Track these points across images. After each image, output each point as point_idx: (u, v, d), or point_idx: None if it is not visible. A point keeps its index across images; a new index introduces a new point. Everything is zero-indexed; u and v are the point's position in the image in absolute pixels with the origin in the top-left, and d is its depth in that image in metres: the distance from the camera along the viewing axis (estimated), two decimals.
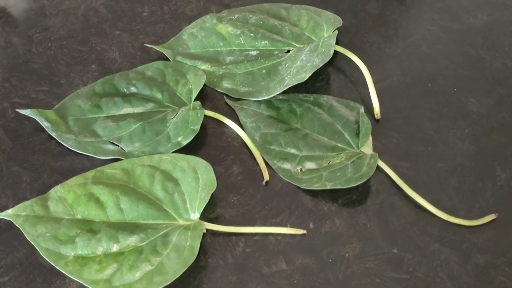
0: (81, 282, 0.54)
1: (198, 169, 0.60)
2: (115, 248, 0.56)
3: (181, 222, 0.57)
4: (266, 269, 0.56)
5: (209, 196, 0.57)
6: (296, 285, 0.55)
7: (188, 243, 0.55)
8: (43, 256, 0.55)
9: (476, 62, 0.71)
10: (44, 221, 0.57)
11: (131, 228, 0.57)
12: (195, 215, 0.57)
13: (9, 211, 0.57)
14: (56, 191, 0.59)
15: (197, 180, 0.59)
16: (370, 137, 0.63)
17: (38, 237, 0.56)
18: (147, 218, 0.58)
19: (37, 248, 0.55)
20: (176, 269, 0.54)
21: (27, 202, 0.58)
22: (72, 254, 0.55)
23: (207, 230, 0.57)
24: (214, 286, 0.55)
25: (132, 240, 0.56)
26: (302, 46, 0.70)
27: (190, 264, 0.53)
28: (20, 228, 0.56)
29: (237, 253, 0.57)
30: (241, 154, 0.64)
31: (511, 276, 0.55)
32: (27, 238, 0.56)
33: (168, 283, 0.53)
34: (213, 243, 0.58)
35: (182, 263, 0.54)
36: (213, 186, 0.58)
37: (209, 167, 0.60)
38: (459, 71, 0.70)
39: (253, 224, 0.59)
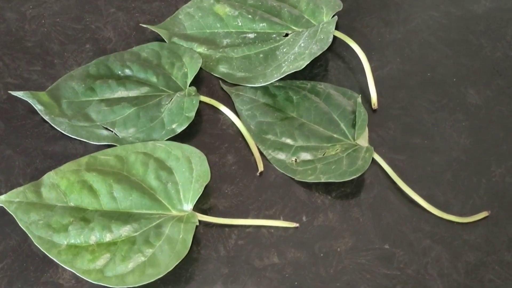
0: (73, 271, 0.54)
1: (193, 158, 0.59)
2: (108, 237, 0.56)
3: (174, 213, 0.57)
4: (258, 262, 0.56)
5: (203, 188, 0.57)
6: (288, 279, 0.56)
7: (181, 236, 0.55)
8: (36, 244, 0.55)
9: (477, 51, 0.70)
10: (37, 208, 0.57)
11: (124, 217, 0.57)
12: (188, 206, 0.57)
13: (2, 197, 0.57)
14: (49, 177, 0.59)
15: (191, 170, 0.59)
16: (366, 128, 0.62)
17: (31, 224, 0.56)
18: (141, 207, 0.58)
19: (30, 236, 0.55)
20: (168, 262, 0.54)
21: (20, 189, 0.58)
22: (65, 242, 0.55)
23: (200, 221, 0.57)
24: (206, 278, 0.56)
25: (125, 230, 0.56)
26: (301, 29, 0.69)
27: (183, 257, 0.54)
28: (13, 215, 0.56)
29: (230, 245, 0.57)
30: (236, 143, 0.63)
31: (501, 275, 0.56)
32: (20, 225, 0.56)
33: (161, 276, 0.53)
34: (206, 234, 0.58)
35: (175, 256, 0.54)
36: (207, 177, 0.58)
37: (203, 157, 0.59)
38: (459, 60, 0.69)
39: (246, 215, 0.59)
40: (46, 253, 0.55)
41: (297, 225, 0.58)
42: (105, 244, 0.56)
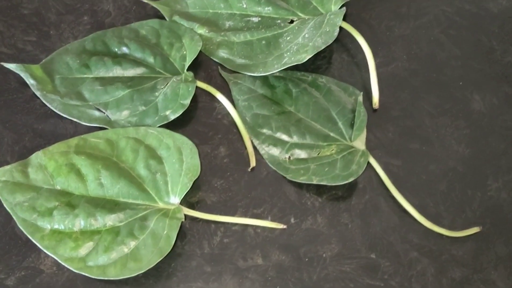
0: (56, 258, 0.54)
1: (184, 150, 0.58)
2: (92, 225, 0.55)
3: (161, 205, 0.56)
4: (242, 262, 0.56)
5: (191, 183, 0.56)
6: (270, 282, 0.55)
7: (165, 232, 0.54)
8: (20, 227, 0.54)
9: (488, 53, 0.67)
10: (23, 189, 0.56)
11: (110, 206, 0.56)
12: (176, 200, 0.56)
13: None
14: (37, 157, 0.58)
15: (181, 162, 0.58)
16: (365, 130, 0.61)
17: (16, 205, 0.55)
18: (127, 196, 0.57)
19: (14, 217, 0.55)
20: (150, 258, 0.54)
21: (7, 167, 0.57)
22: (49, 227, 0.55)
23: (186, 215, 0.57)
24: (187, 275, 0.55)
25: (110, 219, 0.55)
26: (307, 17, 0.66)
27: (165, 255, 0.53)
28: None
29: (215, 243, 0.57)
30: (230, 135, 0.62)
31: None
32: (5, 206, 0.55)
33: (142, 271, 0.53)
34: (191, 229, 0.57)
35: (158, 252, 0.54)
36: (197, 172, 0.57)
37: (195, 149, 0.58)
38: (467, 63, 0.67)
39: (234, 212, 0.58)
40: (29, 237, 0.54)
41: (285, 226, 0.57)
42: (89, 232, 0.55)
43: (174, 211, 0.56)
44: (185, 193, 0.56)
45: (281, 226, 0.57)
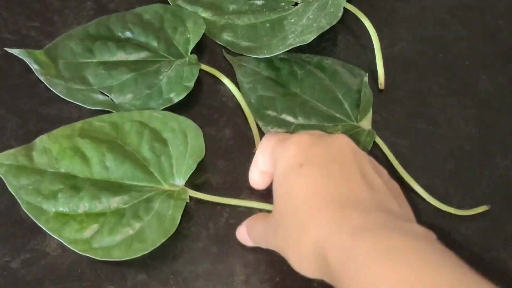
0: (61, 240, 0.53)
1: (188, 132, 0.58)
2: (97, 207, 0.55)
3: (166, 187, 0.56)
4: None
5: (196, 164, 0.56)
6: (276, 262, 0.55)
7: (170, 213, 0.54)
8: (25, 210, 0.54)
9: (494, 33, 0.67)
10: (27, 173, 0.56)
11: (115, 188, 0.56)
12: (181, 182, 0.56)
13: None
14: (42, 141, 0.57)
15: (186, 144, 0.57)
16: (371, 110, 0.60)
17: (20, 189, 0.55)
18: (132, 179, 0.56)
19: (18, 200, 0.55)
20: (155, 238, 0.53)
21: (11, 151, 0.57)
22: (53, 210, 0.55)
23: (191, 197, 0.56)
24: (194, 256, 0.55)
25: (114, 201, 0.55)
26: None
27: (170, 235, 0.53)
28: (3, 178, 0.55)
29: (220, 224, 0.56)
30: (235, 117, 0.61)
31: (494, 272, 0.55)
32: (9, 189, 0.55)
33: (147, 252, 0.52)
34: (197, 210, 0.57)
35: (162, 233, 0.53)
36: (201, 153, 0.57)
37: (199, 131, 0.58)
38: (474, 43, 0.66)
39: (239, 194, 0.58)
40: (34, 219, 0.54)
41: None
42: (94, 214, 0.55)
43: (179, 192, 0.55)
44: (190, 174, 0.56)
45: None
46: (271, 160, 0.49)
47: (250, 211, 0.57)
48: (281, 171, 0.46)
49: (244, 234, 0.53)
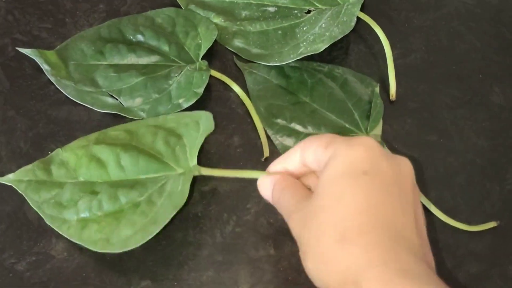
0: (80, 244, 0.53)
1: (201, 120, 0.57)
2: (114, 206, 0.54)
3: (179, 170, 0.55)
4: (254, 252, 0.55)
5: (203, 138, 0.55)
6: (282, 273, 0.54)
7: (179, 188, 0.53)
8: (48, 223, 0.53)
9: (508, 46, 0.66)
10: (48, 186, 0.55)
11: (131, 183, 0.55)
12: (193, 162, 0.55)
13: (11, 176, 0.55)
14: (58, 154, 0.57)
15: (198, 129, 0.57)
16: (381, 121, 0.60)
17: (42, 203, 0.54)
18: (147, 172, 0.55)
19: (41, 215, 0.53)
20: (166, 214, 0.52)
21: (29, 167, 0.56)
22: (75, 217, 0.54)
23: (199, 205, 0.56)
24: (199, 264, 0.55)
25: (131, 197, 0.54)
26: (324, 7, 0.65)
27: (179, 208, 0.52)
28: (24, 195, 0.55)
29: (227, 232, 0.56)
30: (244, 124, 0.61)
31: None
32: (31, 205, 0.54)
33: (159, 229, 0.51)
34: (203, 218, 0.57)
35: (173, 208, 0.52)
36: (210, 128, 0.56)
37: (209, 114, 0.57)
38: (488, 55, 0.65)
39: (247, 202, 0.57)
40: (57, 230, 0.53)
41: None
42: (112, 212, 0.54)
43: (190, 169, 0.55)
44: (199, 148, 0.55)
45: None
46: (315, 157, 0.46)
47: (257, 220, 0.56)
48: (339, 169, 0.42)
49: (267, 189, 0.49)
